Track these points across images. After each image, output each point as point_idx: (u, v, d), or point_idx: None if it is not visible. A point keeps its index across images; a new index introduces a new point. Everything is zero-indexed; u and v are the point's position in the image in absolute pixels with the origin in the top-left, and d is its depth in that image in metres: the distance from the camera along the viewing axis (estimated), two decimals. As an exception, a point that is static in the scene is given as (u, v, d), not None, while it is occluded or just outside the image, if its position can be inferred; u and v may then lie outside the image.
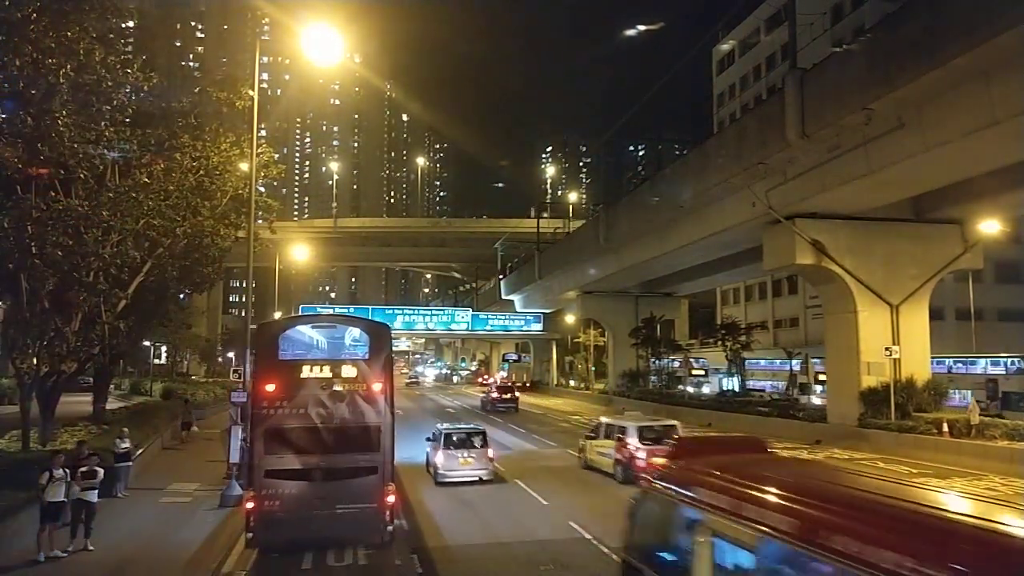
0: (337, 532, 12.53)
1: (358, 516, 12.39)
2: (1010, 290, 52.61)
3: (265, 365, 13.02)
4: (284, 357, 12.93)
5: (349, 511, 12.33)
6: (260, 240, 24.46)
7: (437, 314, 79.11)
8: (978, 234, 29.10)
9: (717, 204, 31.96)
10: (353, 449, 12.66)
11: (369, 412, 12.73)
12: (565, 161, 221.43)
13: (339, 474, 12.49)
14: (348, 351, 13.33)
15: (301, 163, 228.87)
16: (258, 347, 13.83)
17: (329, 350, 13.45)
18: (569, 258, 53.47)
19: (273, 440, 12.38)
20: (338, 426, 12.60)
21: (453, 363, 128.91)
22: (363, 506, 12.43)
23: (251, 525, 12.12)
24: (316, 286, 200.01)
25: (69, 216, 17.42)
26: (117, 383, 44.50)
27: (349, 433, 12.66)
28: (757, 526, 5.06)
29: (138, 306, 23.16)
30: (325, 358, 13.10)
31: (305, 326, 14.14)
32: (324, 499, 12.25)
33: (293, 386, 12.54)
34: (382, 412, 12.79)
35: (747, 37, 76.03)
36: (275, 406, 12.49)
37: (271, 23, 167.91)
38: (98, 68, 17.63)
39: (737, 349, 46.18)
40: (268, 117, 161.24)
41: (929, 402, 27.68)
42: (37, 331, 18.67)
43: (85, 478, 12.69)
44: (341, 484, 12.44)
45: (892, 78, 20.15)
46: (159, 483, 18.88)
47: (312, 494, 12.29)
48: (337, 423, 12.59)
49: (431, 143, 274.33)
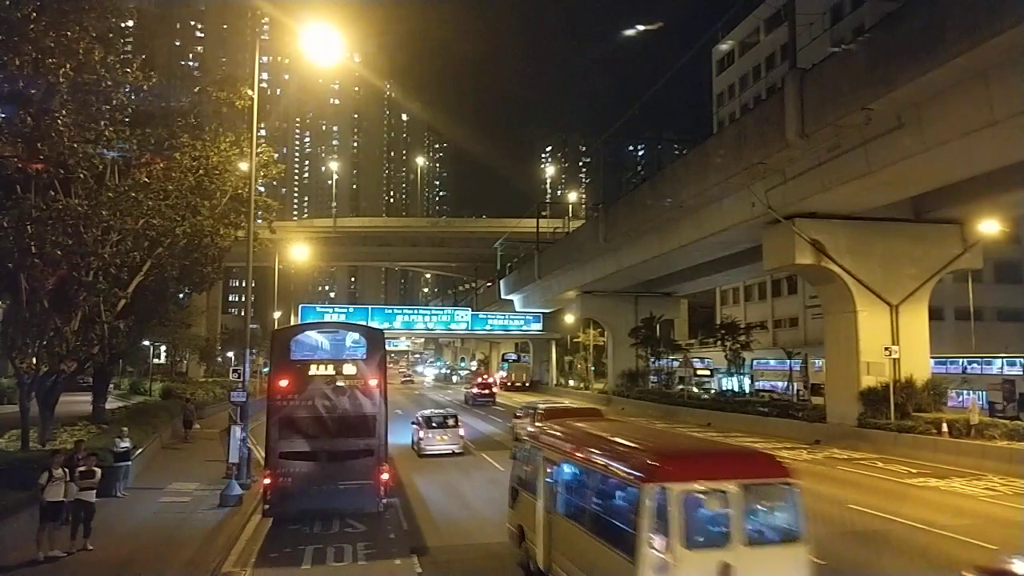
0: (339, 504, 14.57)
1: (357, 490, 14.48)
2: (1010, 290, 52.65)
3: (279, 364, 15.17)
4: (295, 358, 15.04)
5: (349, 486, 14.43)
6: (260, 240, 24.48)
7: (437, 314, 79.07)
8: (978, 234, 29.10)
9: (717, 204, 31.97)
10: (353, 435, 14.70)
11: (366, 404, 14.82)
12: (565, 161, 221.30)
13: (341, 456, 14.60)
14: (349, 352, 15.29)
15: (301, 163, 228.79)
16: (273, 349, 16.03)
17: (332, 351, 15.42)
18: (569, 258, 53.45)
19: (286, 427, 14.48)
20: (340, 415, 14.66)
21: (453, 363, 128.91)
22: (361, 482, 14.50)
23: (267, 498, 14.34)
24: (316, 286, 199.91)
25: (69, 216, 17.41)
26: (116, 383, 44.47)
27: (349, 421, 14.73)
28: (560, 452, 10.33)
29: (138, 306, 23.16)
30: (329, 358, 15.12)
31: (312, 331, 16.42)
32: (328, 476, 14.40)
33: (303, 382, 14.67)
34: (377, 404, 14.89)
35: (747, 37, 76.01)
36: (287, 399, 14.61)
37: (271, 23, 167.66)
38: (98, 68, 17.63)
39: (737, 349, 46.19)
40: (268, 117, 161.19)
41: (928, 402, 27.70)
42: (37, 331, 18.69)
43: (83, 478, 12.68)
44: (343, 464, 14.57)
45: (892, 78, 20.13)
46: (159, 483, 18.88)
47: (318, 472, 14.40)
48: (339, 413, 14.66)
49: (431, 143, 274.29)
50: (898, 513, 15.69)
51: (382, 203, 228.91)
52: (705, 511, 7.80)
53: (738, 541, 7.63)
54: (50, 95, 16.92)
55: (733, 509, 7.67)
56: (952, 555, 12.91)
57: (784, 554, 7.92)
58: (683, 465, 8.12)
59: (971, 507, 16.74)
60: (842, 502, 17.09)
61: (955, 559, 12.72)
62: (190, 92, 26.23)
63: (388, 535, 13.95)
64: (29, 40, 15.98)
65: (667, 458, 8.24)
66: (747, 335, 47.42)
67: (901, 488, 19.11)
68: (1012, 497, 17.68)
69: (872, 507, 16.36)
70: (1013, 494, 18.01)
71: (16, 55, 15.80)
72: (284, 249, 54.58)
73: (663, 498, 7.51)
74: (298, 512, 14.44)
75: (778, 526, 8.15)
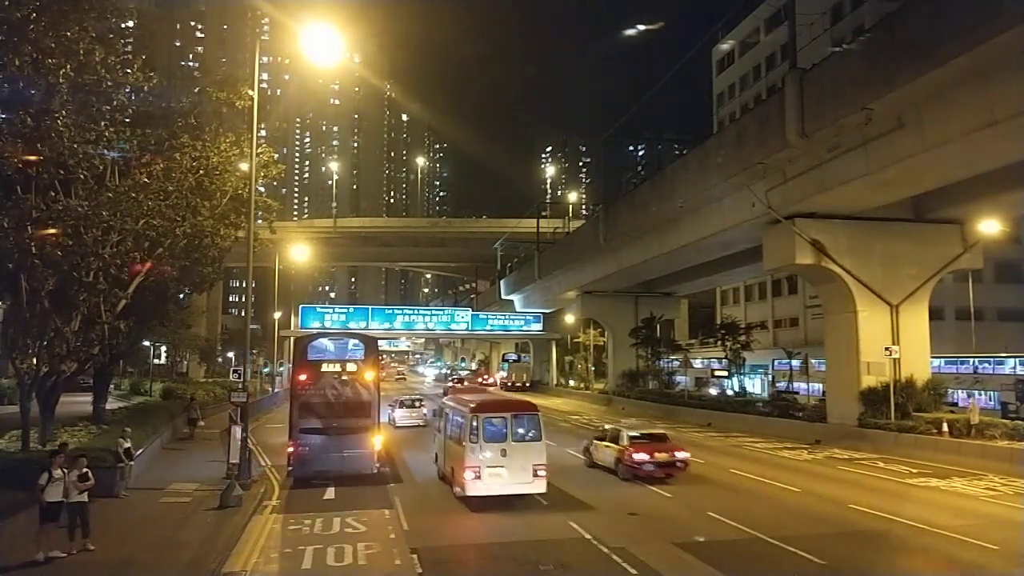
0: (344, 467, 19.15)
1: (358, 457, 19.25)
2: (1010, 290, 52.65)
3: (299, 363, 19.98)
4: (311, 358, 19.76)
5: (352, 454, 19.22)
6: (260, 240, 24.47)
7: (437, 314, 79.06)
8: (978, 234, 29.10)
9: (717, 204, 31.97)
10: (354, 416, 19.35)
11: (364, 393, 19.57)
12: (565, 161, 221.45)
13: (345, 431, 19.23)
14: (350, 354, 20.05)
15: (301, 163, 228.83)
16: (295, 352, 21.40)
17: (338, 353, 20.10)
18: (569, 258, 53.44)
19: (304, 410, 19.19)
20: (344, 401, 19.34)
21: (453, 363, 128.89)
22: (360, 451, 19.30)
23: (290, 463, 19.02)
24: (316, 286, 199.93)
25: (69, 216, 17.41)
26: (117, 383, 44.46)
27: (351, 405, 19.37)
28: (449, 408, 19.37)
29: (138, 306, 23.14)
30: (335, 358, 19.91)
31: (323, 339, 20.75)
32: (336, 446, 19.10)
33: (317, 376, 19.44)
34: (372, 393, 19.71)
35: (747, 37, 76.00)
36: (305, 388, 19.37)
37: (271, 23, 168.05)
38: (98, 68, 17.64)
39: (737, 349, 46.17)
40: (268, 117, 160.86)
41: (929, 402, 27.69)
42: (37, 331, 18.69)
43: (79, 480, 12.64)
44: (346, 437, 19.24)
45: (892, 78, 20.14)
46: (159, 483, 18.87)
47: (328, 443, 19.08)
48: (344, 399, 19.36)
49: (431, 143, 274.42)
50: (899, 513, 15.69)
51: (382, 203, 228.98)
52: (493, 426, 16.63)
53: (510, 439, 16.49)
54: (50, 95, 16.93)
55: (507, 425, 16.66)
56: (953, 555, 12.92)
57: (531, 445, 16.65)
58: (485, 407, 17.23)
59: (972, 507, 16.74)
60: (843, 502, 17.11)
61: (956, 559, 12.73)
62: (190, 92, 26.22)
63: (388, 535, 13.97)
64: (29, 40, 16.00)
65: (480, 404, 17.32)
66: (747, 335, 47.38)
67: (902, 488, 19.11)
68: (1013, 497, 17.68)
69: (873, 507, 16.36)
70: (1014, 494, 18.00)
71: (16, 56, 15.82)
72: (284, 249, 54.63)
73: (476, 420, 16.58)
74: (314, 473, 18.91)
75: (527, 432, 16.75)
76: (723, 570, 11.81)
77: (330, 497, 17.73)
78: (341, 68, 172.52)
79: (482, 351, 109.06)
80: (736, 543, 13.60)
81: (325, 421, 18.99)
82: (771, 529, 14.18)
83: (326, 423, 18.99)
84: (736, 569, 12.11)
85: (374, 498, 17.38)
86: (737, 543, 13.59)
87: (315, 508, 16.35)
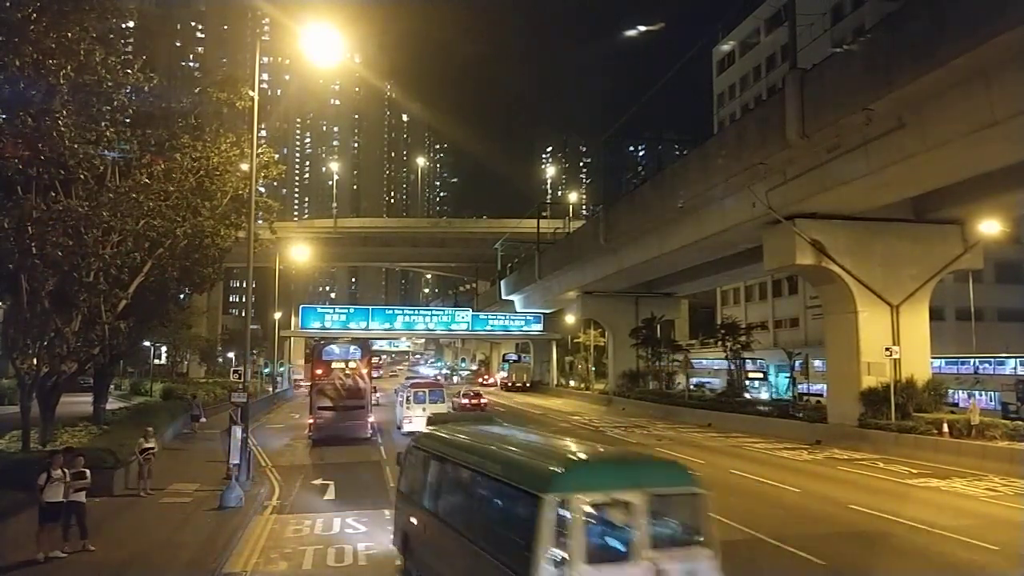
0: (347, 433, 27.79)
1: (356, 427, 28.31)
2: (1010, 290, 52.63)
3: (316, 361, 30.36)
4: (324, 358, 29.78)
5: (353, 424, 28.27)
6: (260, 240, 24.49)
7: (437, 314, 79.09)
8: (978, 234, 29.07)
9: (717, 204, 31.95)
10: (353, 398, 28.54)
11: (361, 383, 28.84)
12: (565, 161, 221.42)
13: (348, 409, 28.33)
14: (351, 355, 29.56)
15: (301, 163, 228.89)
16: (312, 352, 33.94)
17: (342, 354, 29.72)
18: (569, 258, 53.43)
19: (319, 394, 28.49)
20: (347, 388, 28.47)
21: (453, 363, 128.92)
22: (358, 422, 28.39)
23: (310, 431, 28.58)
24: (316, 286, 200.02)
25: (69, 216, 17.41)
26: (117, 383, 44.47)
27: (352, 391, 28.51)
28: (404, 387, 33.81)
29: (138, 306, 23.15)
30: (340, 358, 29.46)
31: (332, 344, 31.62)
32: (341, 419, 28.22)
33: (328, 370, 28.99)
34: (367, 382, 29.31)
35: (747, 37, 76.01)
36: (320, 380, 28.85)
37: (271, 23, 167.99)
38: (98, 68, 17.63)
39: (737, 349, 46.17)
40: (268, 117, 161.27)
41: (929, 402, 27.66)
42: (37, 331, 18.68)
43: (75, 479, 12.62)
44: (348, 412, 28.32)
45: (892, 78, 20.13)
46: (159, 483, 18.81)
47: (336, 417, 28.27)
48: (347, 387, 28.51)
49: (431, 143, 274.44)
50: (899, 514, 15.67)
51: (383, 203, 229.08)
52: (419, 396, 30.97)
53: (427, 401, 30.18)
54: (51, 96, 16.93)
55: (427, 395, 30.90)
56: (953, 556, 12.90)
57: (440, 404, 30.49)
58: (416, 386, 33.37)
59: (972, 508, 16.72)
60: (843, 503, 17.10)
61: (956, 560, 12.72)
62: (191, 93, 26.35)
63: (389, 535, 13.94)
64: (30, 41, 15.98)
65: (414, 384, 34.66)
66: (748, 335, 47.38)
67: (902, 488, 19.09)
68: (1013, 497, 17.66)
69: (873, 508, 16.34)
70: (1014, 494, 17.99)
71: (17, 56, 15.81)
72: (285, 249, 54.67)
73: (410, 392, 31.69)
74: (326, 437, 27.45)
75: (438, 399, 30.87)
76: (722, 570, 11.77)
77: (330, 497, 17.74)
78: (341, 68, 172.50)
79: (482, 351, 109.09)
80: (736, 543, 13.56)
81: (334, 402, 28.15)
82: (771, 529, 14.16)
83: (335, 403, 28.13)
84: (735, 569, 12.07)
85: (374, 498, 17.40)
86: (737, 543, 13.55)
87: (315, 508, 16.36)
